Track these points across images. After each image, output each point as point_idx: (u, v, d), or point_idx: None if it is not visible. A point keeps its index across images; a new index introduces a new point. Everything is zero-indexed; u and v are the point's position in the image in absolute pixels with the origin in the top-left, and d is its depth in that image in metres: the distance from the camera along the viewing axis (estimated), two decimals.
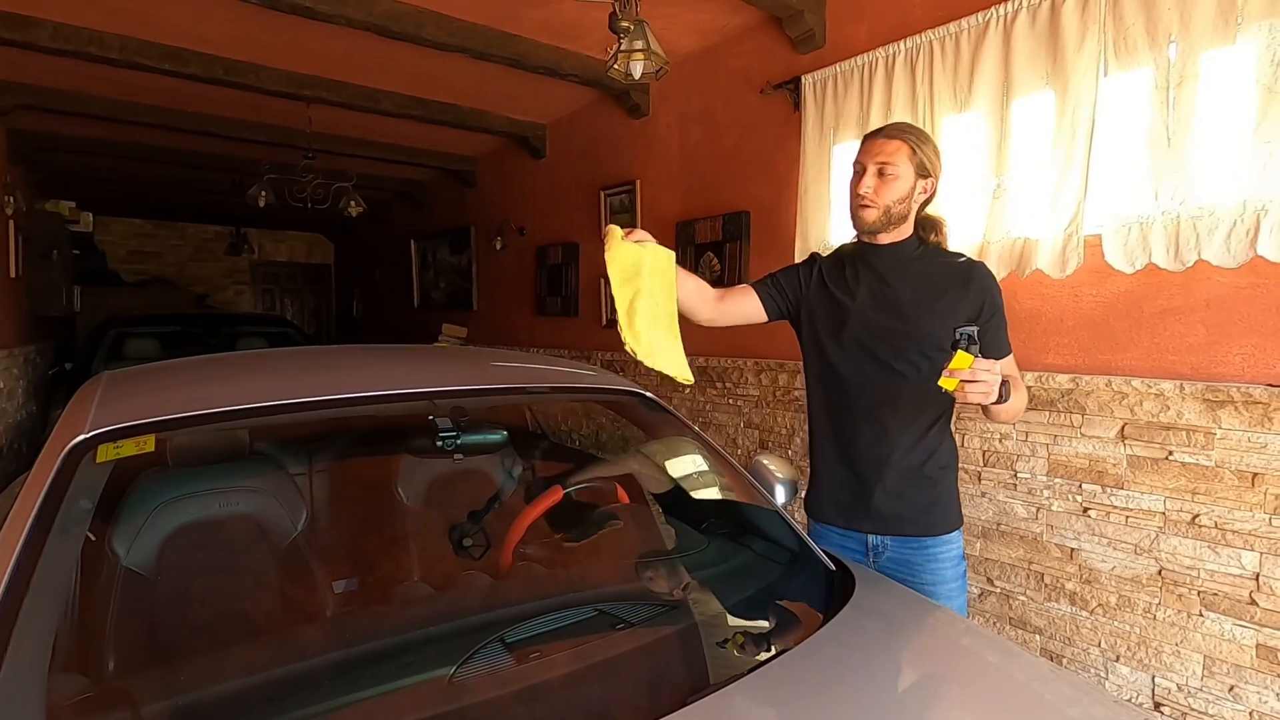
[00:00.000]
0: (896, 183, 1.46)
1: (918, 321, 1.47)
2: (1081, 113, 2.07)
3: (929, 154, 1.49)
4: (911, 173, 1.47)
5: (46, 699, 0.84)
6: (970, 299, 1.46)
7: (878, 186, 1.47)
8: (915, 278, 1.50)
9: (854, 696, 1.01)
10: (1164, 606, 2.02)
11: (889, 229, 1.50)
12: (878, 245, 1.54)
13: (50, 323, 6.18)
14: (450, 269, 6.67)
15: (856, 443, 1.55)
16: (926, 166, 1.48)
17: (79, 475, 1.02)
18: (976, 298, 1.46)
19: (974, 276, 1.48)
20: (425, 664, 1.00)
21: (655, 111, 4.04)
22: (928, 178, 1.49)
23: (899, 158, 1.46)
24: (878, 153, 1.48)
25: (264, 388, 1.32)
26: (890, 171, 1.46)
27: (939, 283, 1.49)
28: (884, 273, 1.53)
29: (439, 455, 1.53)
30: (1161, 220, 1.94)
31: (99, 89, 4.18)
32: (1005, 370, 1.48)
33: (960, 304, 1.46)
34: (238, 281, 9.98)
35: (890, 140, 1.48)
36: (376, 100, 4.27)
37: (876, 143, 1.49)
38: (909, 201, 1.49)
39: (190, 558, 1.35)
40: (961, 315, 1.45)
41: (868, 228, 1.51)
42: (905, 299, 1.50)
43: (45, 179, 6.24)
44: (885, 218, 1.48)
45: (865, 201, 1.48)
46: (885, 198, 1.47)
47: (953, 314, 1.45)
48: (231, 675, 0.99)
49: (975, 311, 1.45)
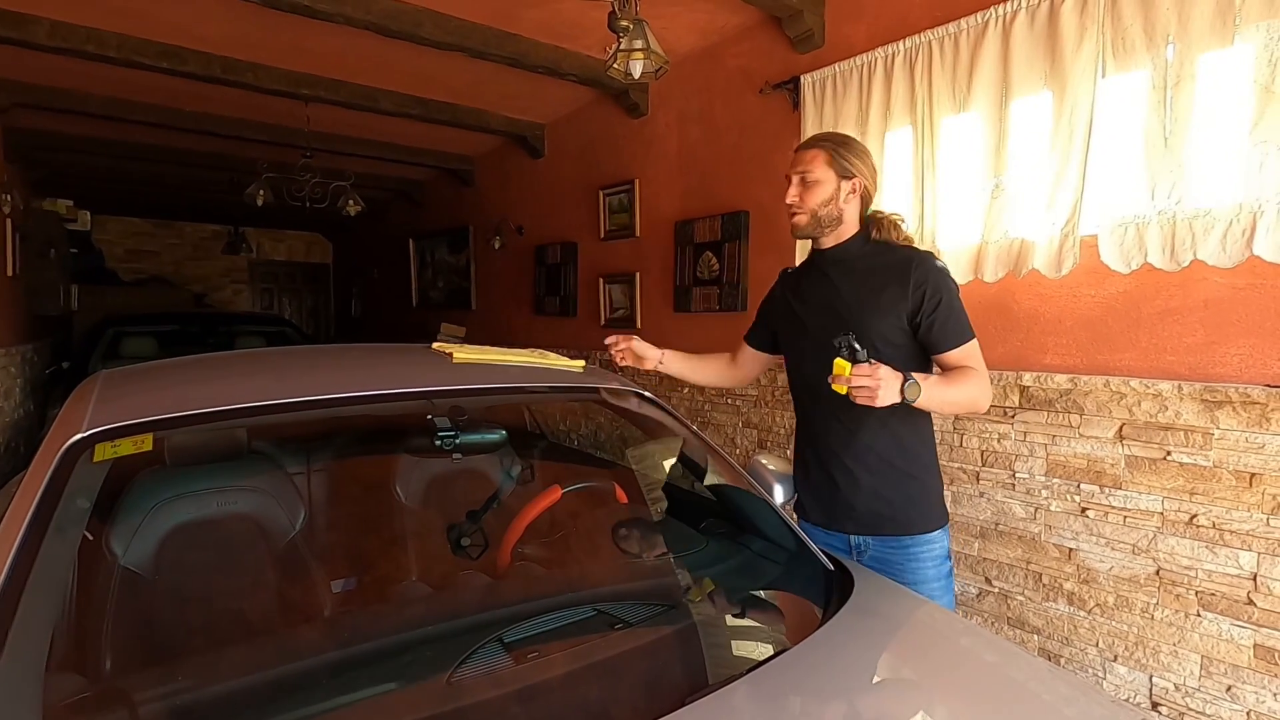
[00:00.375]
0: (819, 188, 1.55)
1: (861, 318, 1.51)
2: (1079, 113, 2.08)
3: (849, 157, 1.56)
4: (833, 176, 1.55)
5: (43, 698, 0.84)
6: (910, 290, 1.48)
7: (801, 194, 1.57)
8: (859, 275, 1.56)
9: (852, 696, 1.01)
10: (1162, 606, 2.02)
11: (825, 232, 1.59)
12: (824, 249, 1.63)
13: (47, 321, 6.17)
14: (449, 268, 6.66)
15: (827, 442, 1.59)
16: (848, 169, 1.55)
17: (76, 474, 1.02)
18: (916, 289, 1.48)
19: (913, 268, 1.49)
20: (423, 664, 1.00)
21: (654, 111, 4.04)
22: (851, 178, 1.56)
23: (816, 164, 1.56)
24: (796, 163, 1.58)
25: (262, 387, 1.32)
26: (810, 178, 1.56)
27: (880, 277, 1.52)
28: (830, 274, 1.60)
29: (437, 454, 1.53)
30: (1158, 220, 1.94)
31: (96, 87, 4.17)
32: (958, 360, 1.49)
33: (900, 296, 1.49)
34: (236, 281, 9.97)
35: (808, 150, 1.59)
36: (375, 99, 4.26)
37: (797, 155, 1.60)
38: (835, 204, 1.56)
39: (188, 557, 1.35)
40: (903, 308, 1.49)
41: (800, 233, 1.61)
42: (848, 298, 1.55)
43: (43, 178, 6.23)
44: (815, 221, 1.57)
45: (792, 210, 1.59)
46: (810, 203, 1.56)
47: (894, 307, 1.49)
48: (229, 675, 0.99)
49: (916, 303, 1.48)
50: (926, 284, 1.48)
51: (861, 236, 1.59)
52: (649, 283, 4.13)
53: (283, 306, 10.54)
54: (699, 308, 3.70)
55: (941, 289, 1.48)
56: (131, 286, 8.44)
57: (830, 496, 1.60)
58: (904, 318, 1.50)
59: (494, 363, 1.58)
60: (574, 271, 4.78)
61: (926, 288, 1.47)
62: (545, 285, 5.09)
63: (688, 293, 3.77)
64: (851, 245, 1.59)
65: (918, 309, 1.48)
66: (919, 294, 1.48)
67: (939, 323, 1.47)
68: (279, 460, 1.60)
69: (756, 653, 1.14)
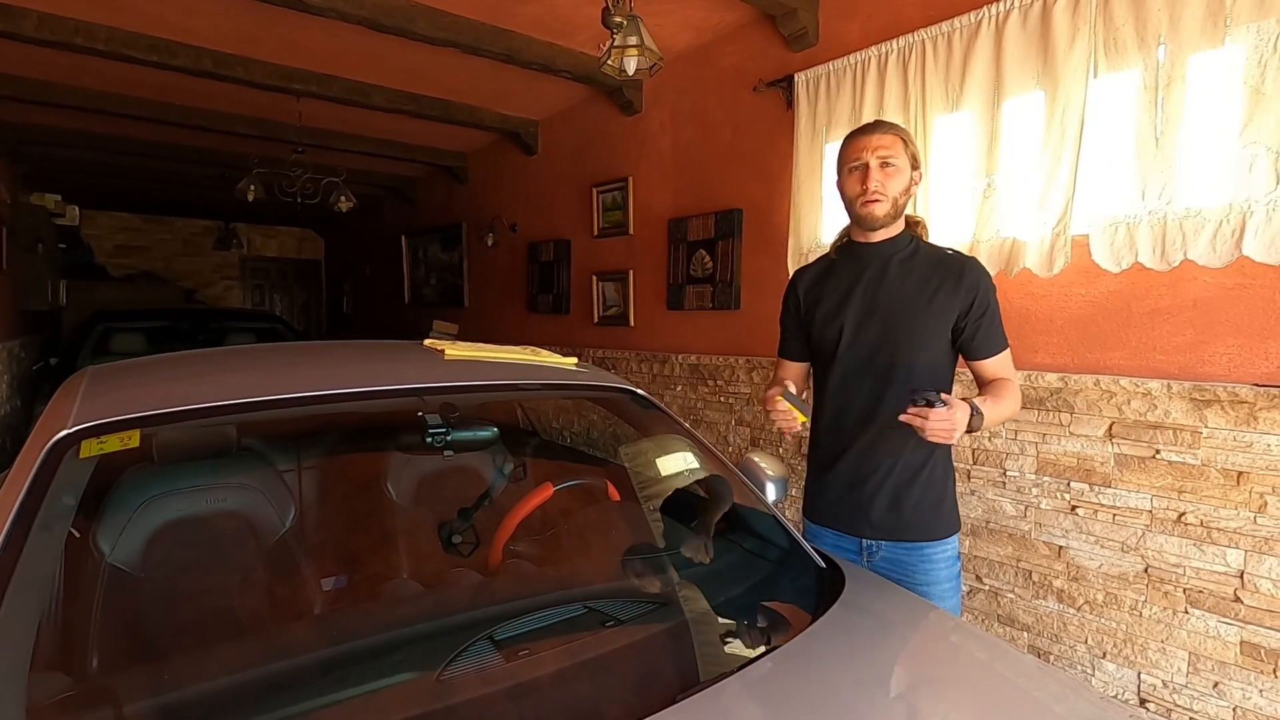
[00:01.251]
0: (899, 175, 1.48)
1: (908, 317, 1.49)
2: (1071, 113, 2.08)
3: (914, 148, 1.54)
4: (908, 165, 1.50)
5: (28, 697, 0.83)
6: (961, 294, 1.47)
7: (884, 179, 1.47)
8: (908, 274, 1.51)
9: (843, 693, 1.01)
10: (1150, 604, 2.03)
11: (891, 223, 1.52)
12: (871, 243, 1.55)
13: (36, 317, 6.11)
14: (442, 265, 6.64)
15: (850, 445, 1.55)
16: (916, 158, 1.52)
17: (62, 471, 1.01)
18: (967, 293, 1.47)
19: (965, 271, 1.48)
20: (413, 661, 1.00)
21: (648, 108, 4.04)
22: (917, 169, 1.53)
23: (897, 149, 1.48)
24: (876, 147, 1.48)
25: (252, 383, 1.31)
26: (893, 164, 1.48)
27: (931, 278, 1.49)
28: (877, 271, 1.54)
29: (429, 452, 1.52)
30: (1148, 220, 1.95)
31: (85, 81, 4.12)
32: (996, 368, 1.49)
33: (952, 299, 1.47)
34: (226, 277, 9.91)
35: (885, 134, 1.50)
36: (367, 95, 4.24)
37: (872, 138, 1.50)
38: (909, 194, 1.52)
39: (176, 555, 1.34)
40: (952, 310, 1.47)
41: (879, 222, 1.50)
42: (897, 296, 1.51)
43: (30, 172, 6.16)
44: (894, 210, 1.50)
45: (876, 195, 1.47)
46: (892, 189, 1.48)
47: (945, 309, 1.47)
48: (218, 673, 0.98)
49: (966, 305, 1.46)
50: (978, 289, 1.47)
51: (907, 234, 1.55)
52: (642, 280, 4.12)
53: (274, 303, 10.48)
54: (692, 305, 3.70)
55: (990, 295, 1.48)
56: (121, 282, 8.38)
57: (848, 500, 1.57)
58: (951, 321, 1.48)
59: (486, 360, 1.57)
60: (567, 269, 4.77)
61: (978, 293, 1.46)
62: (538, 283, 5.08)
63: (681, 290, 3.77)
64: (900, 241, 1.54)
65: (966, 312, 1.46)
66: (970, 298, 1.46)
67: (984, 329, 1.46)
68: (269, 457, 1.59)
69: (747, 650, 1.13)
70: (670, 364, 3.86)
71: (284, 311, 10.36)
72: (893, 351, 1.50)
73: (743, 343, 3.43)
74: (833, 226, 2.85)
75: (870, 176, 1.47)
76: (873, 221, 1.50)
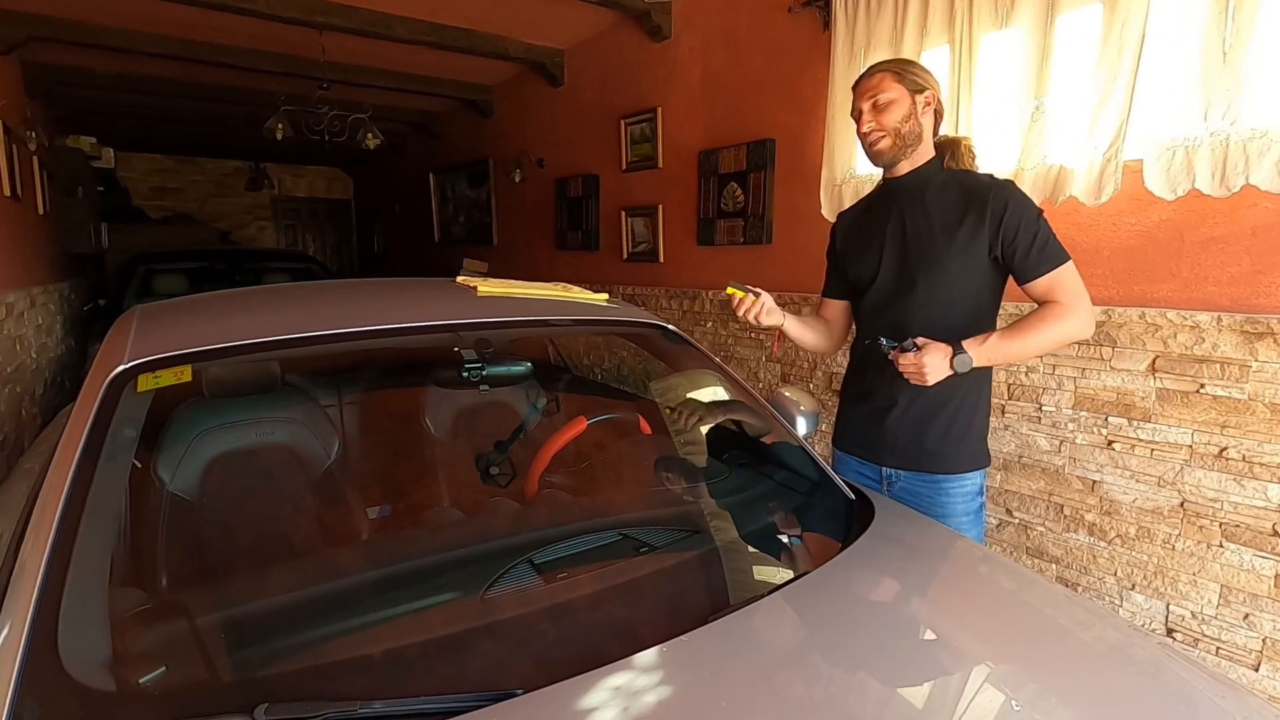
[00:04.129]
0: (893, 107, 1.49)
1: (935, 253, 1.48)
2: (1131, 28, 1.95)
3: (915, 72, 1.51)
4: (905, 92, 1.49)
5: (109, 610, 0.90)
6: (989, 219, 1.43)
7: (877, 118, 1.50)
8: (935, 206, 1.50)
9: (869, 618, 1.05)
10: (1184, 538, 2.03)
11: (907, 153, 1.52)
12: (899, 177, 1.56)
13: (81, 260, 6.28)
14: (469, 203, 6.60)
15: (881, 375, 1.56)
16: (917, 82, 1.50)
17: (122, 404, 1.06)
18: (994, 216, 1.43)
19: (991, 196, 1.44)
20: (458, 583, 1.05)
21: (677, 34, 3.88)
22: (923, 91, 1.50)
23: (885, 84, 1.50)
24: (864, 90, 1.52)
25: (295, 320, 1.34)
26: (883, 99, 1.49)
27: (958, 208, 1.47)
28: (907, 206, 1.54)
29: (464, 386, 1.56)
30: (1209, 143, 1.84)
31: (108, 19, 4.11)
32: (1045, 290, 1.42)
33: (979, 225, 1.44)
34: (260, 218, 10.00)
35: (873, 76, 1.53)
36: (389, 26, 4.14)
37: (862, 84, 1.54)
38: (914, 119, 1.49)
39: (231, 484, 1.41)
40: (982, 237, 1.44)
41: (887, 158, 1.53)
42: (922, 231, 1.50)
43: (63, 114, 6.22)
44: (899, 141, 1.50)
45: (873, 136, 1.52)
46: (889, 123, 1.49)
47: (973, 237, 1.45)
48: (277, 591, 1.05)
49: (995, 229, 1.43)
50: (1006, 210, 1.41)
51: (936, 162, 1.53)
52: (672, 215, 4.06)
53: (306, 243, 10.59)
54: (723, 240, 3.64)
55: (1022, 214, 1.41)
56: (159, 224, 8.52)
57: (873, 428, 1.61)
58: (984, 251, 1.44)
59: (518, 296, 1.59)
60: (595, 205, 4.71)
61: (1006, 214, 1.41)
62: (567, 219, 5.03)
63: (711, 225, 3.70)
64: (926, 171, 1.52)
65: (997, 238, 1.42)
66: (997, 221, 1.42)
67: (1021, 250, 1.41)
68: (312, 393, 1.65)
69: (777, 576, 1.17)
70: (700, 300, 3.84)
71: (316, 251, 10.48)
72: (916, 285, 1.50)
73: (774, 278, 3.38)
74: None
75: (863, 120, 1.53)
76: (880, 158, 1.54)
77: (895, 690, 0.88)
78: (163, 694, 0.82)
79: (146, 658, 0.87)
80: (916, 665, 0.93)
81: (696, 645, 0.90)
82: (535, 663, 0.87)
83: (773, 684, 0.86)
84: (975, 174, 1.52)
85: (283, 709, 0.73)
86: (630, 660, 0.86)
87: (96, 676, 0.81)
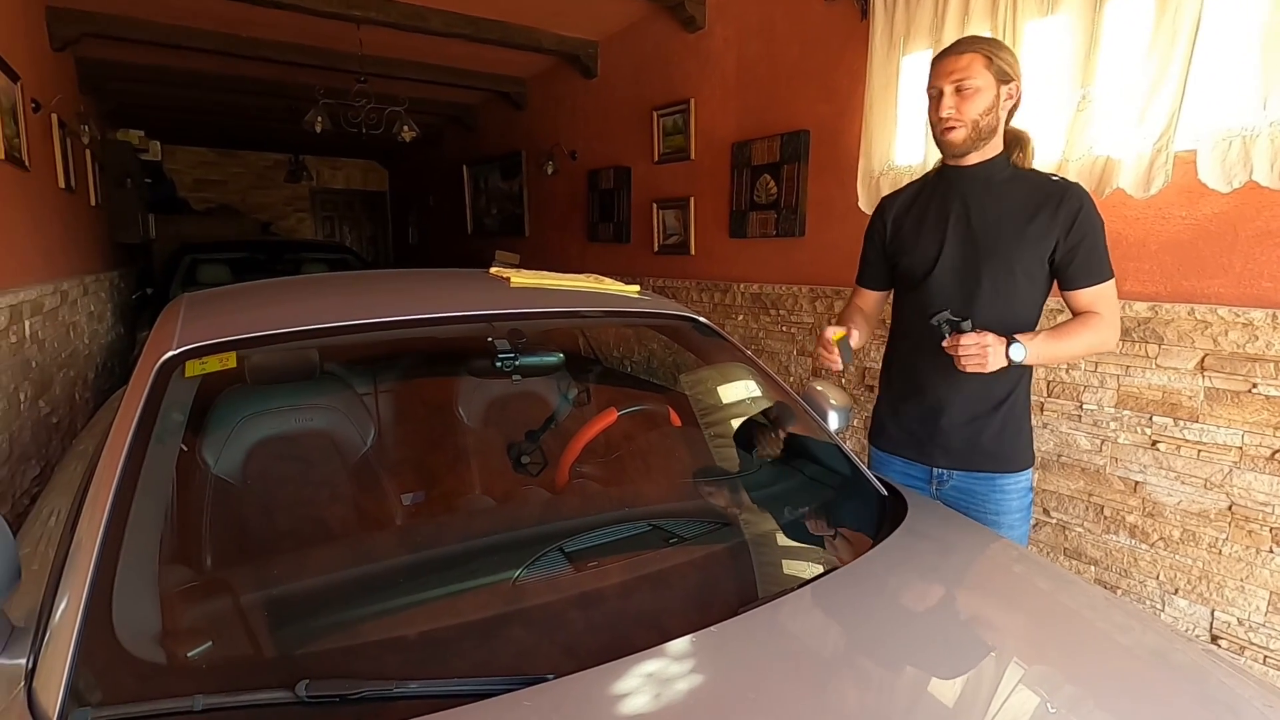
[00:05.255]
0: (978, 96, 1.40)
1: (1003, 244, 1.43)
2: (1185, 12, 1.87)
3: (1006, 58, 1.41)
4: (992, 81, 1.40)
5: (159, 585, 0.94)
6: (1060, 220, 1.40)
7: (959, 104, 1.41)
8: (1005, 200, 1.45)
9: (901, 615, 1.04)
10: (1231, 542, 1.96)
11: (979, 146, 1.45)
12: (965, 167, 1.49)
13: (129, 250, 6.49)
14: (502, 195, 6.66)
15: (932, 373, 1.52)
16: (1006, 71, 1.41)
17: (170, 389, 1.09)
18: (1067, 219, 1.39)
19: (1066, 197, 1.40)
20: (491, 568, 1.07)
21: (711, 24, 3.85)
22: (1010, 82, 1.42)
23: (974, 69, 1.40)
24: (950, 70, 1.42)
25: (336, 308, 1.37)
26: (968, 86, 1.40)
27: (1028, 205, 1.43)
28: (973, 197, 1.48)
29: (497, 376, 1.58)
30: (1269, 132, 1.77)
31: (156, 14, 4.23)
32: (1089, 301, 1.42)
33: (1050, 225, 1.40)
34: (299, 209, 10.22)
35: (961, 55, 1.41)
36: (424, 19, 4.18)
37: (947, 61, 1.43)
38: (995, 112, 1.42)
39: (272, 468, 1.46)
40: (1050, 237, 1.41)
41: (959, 150, 1.45)
42: (991, 221, 1.45)
43: (113, 109, 6.43)
44: (975, 134, 1.42)
45: (950, 123, 1.42)
46: (969, 114, 1.41)
47: (1041, 236, 1.41)
48: (316, 572, 1.07)
49: (1064, 232, 1.40)
50: (1079, 215, 1.39)
51: (1005, 155, 1.48)
52: (703, 207, 4.04)
53: (343, 234, 10.79)
54: (755, 233, 3.62)
55: (1090, 224, 1.40)
56: (203, 215, 8.76)
57: (924, 428, 1.56)
58: (1049, 250, 1.42)
59: (551, 287, 1.60)
60: (627, 197, 4.71)
61: (1079, 219, 1.39)
62: (598, 211, 5.04)
63: (744, 217, 3.68)
64: (996, 164, 1.47)
65: (1065, 240, 1.40)
66: (1069, 224, 1.39)
67: (1080, 258, 1.40)
68: (349, 381, 1.69)
69: (807, 570, 1.16)
70: (731, 293, 3.82)
71: (353, 242, 10.68)
72: (981, 278, 1.45)
73: (806, 271, 3.35)
74: (907, 148, 2.70)
75: (943, 104, 1.42)
76: (951, 148, 1.46)
77: (926, 688, 0.87)
78: (210, 667, 0.85)
79: (194, 632, 0.91)
80: (949, 664, 0.92)
81: (725, 637, 0.90)
82: (565, 649, 0.88)
83: (801, 678, 0.86)
84: (1042, 172, 1.48)
85: (323, 685, 0.76)
86: (659, 649, 0.86)
87: (147, 649, 0.84)
